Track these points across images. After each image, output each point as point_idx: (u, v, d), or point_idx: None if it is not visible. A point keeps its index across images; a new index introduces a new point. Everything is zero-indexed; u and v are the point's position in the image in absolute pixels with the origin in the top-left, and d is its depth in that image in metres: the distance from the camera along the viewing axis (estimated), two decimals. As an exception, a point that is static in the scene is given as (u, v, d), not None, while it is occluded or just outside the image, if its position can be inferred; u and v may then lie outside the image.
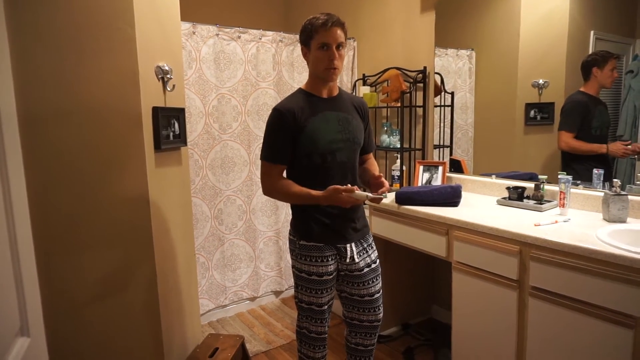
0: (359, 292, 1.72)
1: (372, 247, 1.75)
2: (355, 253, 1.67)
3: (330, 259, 1.64)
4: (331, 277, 1.66)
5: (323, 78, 1.59)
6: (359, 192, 1.49)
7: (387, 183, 1.62)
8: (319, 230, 1.62)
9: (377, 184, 1.63)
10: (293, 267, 1.70)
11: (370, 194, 1.51)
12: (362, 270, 1.69)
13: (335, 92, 1.67)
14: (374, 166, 1.82)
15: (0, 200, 0.77)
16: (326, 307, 1.69)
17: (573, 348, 1.52)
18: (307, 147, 1.57)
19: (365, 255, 1.71)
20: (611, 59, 1.91)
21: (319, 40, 1.52)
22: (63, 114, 1.54)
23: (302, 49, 1.61)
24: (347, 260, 1.66)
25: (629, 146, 1.88)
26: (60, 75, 1.53)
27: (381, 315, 1.78)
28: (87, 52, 1.57)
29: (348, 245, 1.66)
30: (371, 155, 1.84)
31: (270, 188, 1.62)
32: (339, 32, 1.53)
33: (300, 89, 1.66)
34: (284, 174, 1.67)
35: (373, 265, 1.73)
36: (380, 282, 1.76)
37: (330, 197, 1.49)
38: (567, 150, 2.09)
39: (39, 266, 0.98)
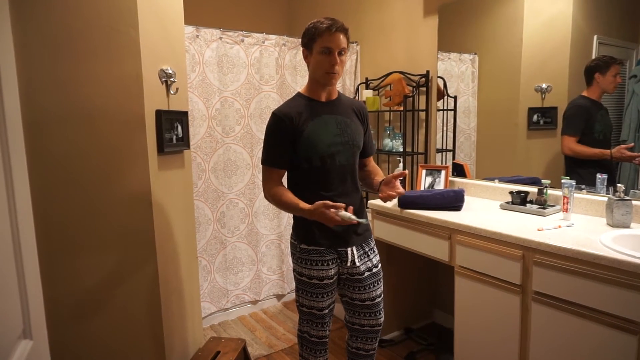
0: (359, 297, 1.71)
1: (373, 251, 1.74)
2: (356, 257, 1.66)
3: (330, 263, 1.63)
4: (332, 281, 1.65)
5: (322, 82, 1.59)
6: (345, 212, 1.41)
7: (400, 188, 1.56)
8: (320, 233, 1.62)
9: (391, 185, 1.58)
10: (294, 270, 1.70)
11: (357, 219, 1.41)
12: (363, 274, 1.69)
13: (334, 96, 1.68)
14: (377, 169, 1.82)
15: (4, 203, 0.78)
16: (327, 311, 1.69)
17: (576, 354, 1.51)
18: (307, 150, 1.57)
19: (367, 259, 1.70)
20: (614, 64, 1.91)
21: (321, 44, 1.52)
22: (67, 117, 1.55)
23: (303, 51, 1.61)
24: (348, 263, 1.65)
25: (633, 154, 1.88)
26: (64, 79, 1.54)
27: (382, 319, 1.77)
28: (91, 56, 1.58)
29: (349, 248, 1.65)
30: (371, 158, 1.84)
31: (267, 193, 1.62)
32: (342, 37, 1.53)
33: (298, 93, 1.66)
34: (285, 178, 1.67)
35: (374, 270, 1.72)
36: (382, 287, 1.76)
37: (315, 211, 1.44)
38: (570, 155, 2.09)
39: (42, 269, 0.98)
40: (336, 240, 1.64)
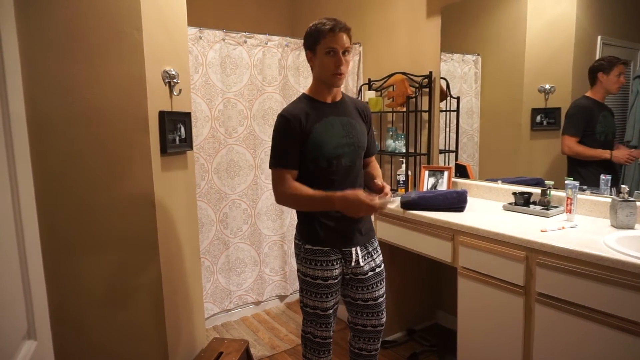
0: (362, 296, 1.71)
1: (377, 251, 1.74)
2: (360, 257, 1.67)
3: (335, 263, 1.64)
4: (336, 281, 1.66)
5: (329, 83, 1.59)
6: (381, 198, 1.51)
7: (390, 194, 1.61)
8: (325, 233, 1.62)
9: (379, 191, 1.62)
10: (298, 271, 1.70)
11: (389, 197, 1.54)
12: (367, 274, 1.69)
13: (339, 97, 1.68)
14: (377, 170, 1.82)
15: (9, 204, 0.78)
16: (331, 311, 1.69)
17: (580, 356, 1.51)
18: (313, 152, 1.57)
19: (370, 259, 1.70)
20: (618, 64, 1.90)
21: (325, 45, 1.52)
22: (70, 118, 1.56)
23: (307, 54, 1.61)
24: (352, 263, 1.66)
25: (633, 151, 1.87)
26: (67, 80, 1.54)
27: (384, 319, 1.77)
28: (95, 57, 1.58)
29: (353, 249, 1.66)
30: (373, 158, 1.84)
31: (284, 194, 1.58)
32: (345, 37, 1.53)
33: (304, 94, 1.66)
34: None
35: (378, 270, 1.72)
36: (384, 287, 1.76)
37: (350, 201, 1.47)
38: (570, 155, 2.09)
39: (46, 269, 0.98)
40: (341, 240, 1.64)
